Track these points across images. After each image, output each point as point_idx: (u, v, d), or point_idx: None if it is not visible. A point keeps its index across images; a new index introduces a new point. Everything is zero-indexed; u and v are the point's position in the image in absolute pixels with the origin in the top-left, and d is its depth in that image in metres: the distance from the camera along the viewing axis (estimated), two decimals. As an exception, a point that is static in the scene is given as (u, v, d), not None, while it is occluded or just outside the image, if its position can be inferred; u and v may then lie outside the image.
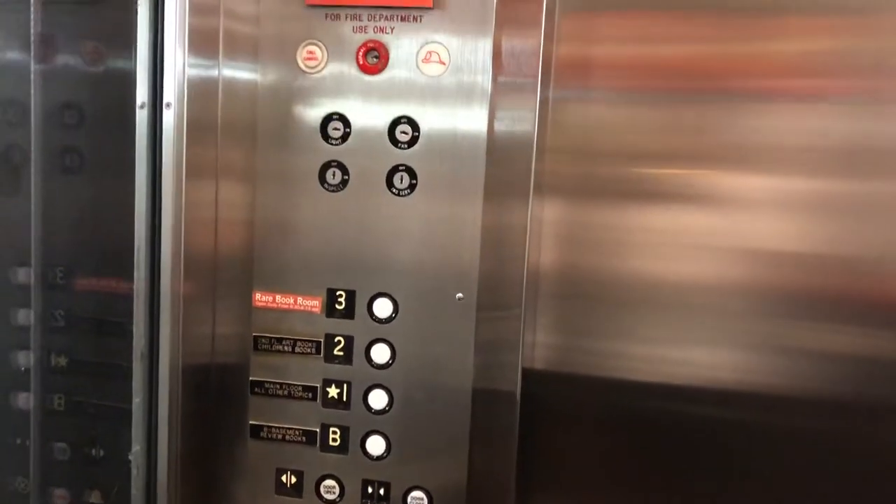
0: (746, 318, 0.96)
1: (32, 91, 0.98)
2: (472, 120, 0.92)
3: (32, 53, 0.97)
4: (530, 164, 0.94)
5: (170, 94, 0.91)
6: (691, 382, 0.99)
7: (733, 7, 0.92)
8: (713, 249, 0.96)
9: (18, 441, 1.05)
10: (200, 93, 0.93)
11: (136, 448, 0.96)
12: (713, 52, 0.93)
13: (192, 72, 0.91)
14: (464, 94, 0.92)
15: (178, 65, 0.90)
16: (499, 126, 0.93)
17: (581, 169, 0.98)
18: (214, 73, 0.94)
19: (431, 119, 0.93)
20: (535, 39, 0.92)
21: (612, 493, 1.03)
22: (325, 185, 0.96)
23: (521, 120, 0.94)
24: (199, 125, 0.93)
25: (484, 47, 0.91)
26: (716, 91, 0.94)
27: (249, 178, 0.97)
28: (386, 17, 0.92)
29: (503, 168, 0.94)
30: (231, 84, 0.96)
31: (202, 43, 0.93)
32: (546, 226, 0.98)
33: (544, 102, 0.94)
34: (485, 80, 0.91)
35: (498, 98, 0.92)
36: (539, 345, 1.00)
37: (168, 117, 0.91)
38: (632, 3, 0.95)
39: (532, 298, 0.98)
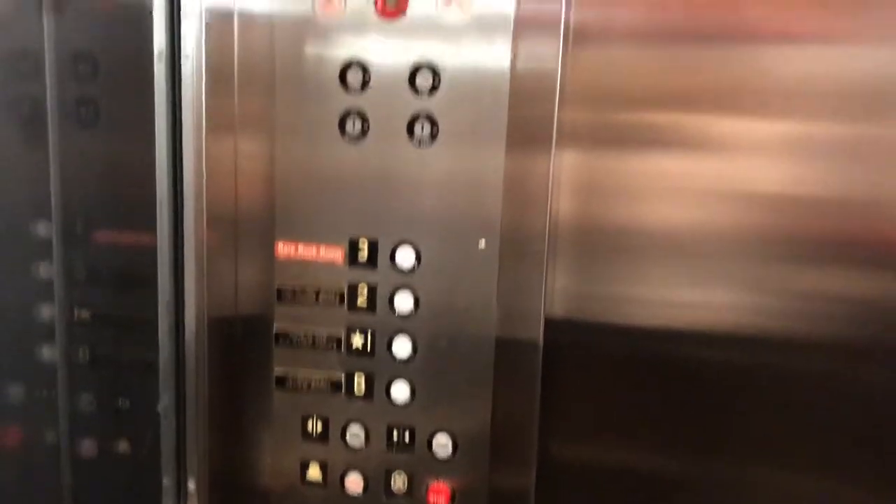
0: (764, 261, 0.96)
1: (46, 40, 0.97)
2: (494, 62, 0.91)
3: (44, 2, 0.95)
4: (553, 108, 0.93)
5: (188, 45, 0.90)
6: (708, 326, 0.99)
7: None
8: (730, 195, 0.95)
9: (45, 393, 1.07)
10: (218, 41, 0.92)
11: (165, 400, 0.97)
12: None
13: (210, 18, 0.90)
14: (486, 36, 0.90)
15: (196, 10, 0.89)
16: (522, 67, 0.91)
17: (598, 116, 0.96)
18: (231, 20, 0.93)
19: (453, 64, 0.91)
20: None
21: (632, 433, 1.05)
22: (345, 135, 0.95)
23: (545, 59, 0.92)
24: (218, 75, 0.92)
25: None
26: (736, 32, 0.92)
27: (268, 128, 0.96)
28: (405, -40, 0.90)
29: (526, 113, 0.92)
30: (248, 30, 0.94)
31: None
32: (566, 172, 0.97)
33: (566, 43, 0.92)
34: (507, 20, 0.89)
35: (520, 38, 0.90)
36: (559, 293, 1.00)
37: (187, 69, 0.90)
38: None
39: (553, 247, 0.98)
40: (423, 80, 0.92)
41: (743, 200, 0.95)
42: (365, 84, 0.94)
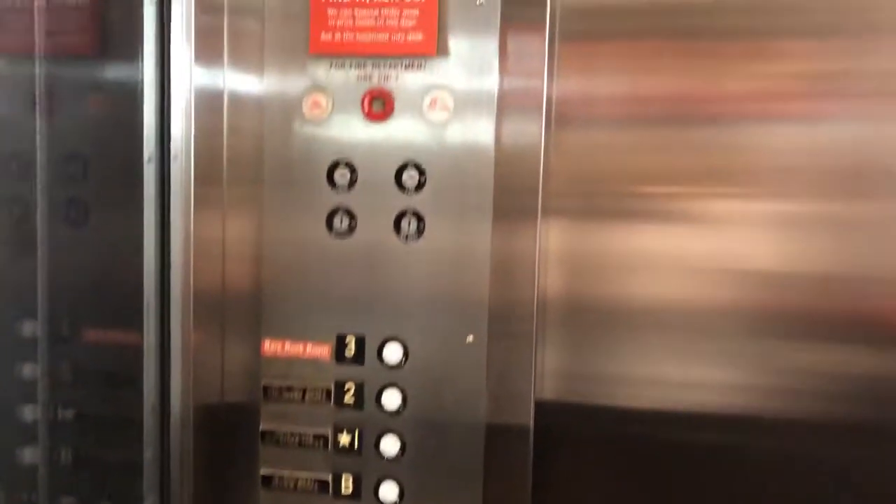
0: (756, 340, 0.96)
1: (38, 143, 0.99)
2: (478, 160, 0.93)
3: (37, 107, 0.97)
4: (537, 193, 0.95)
5: (177, 146, 0.92)
6: (701, 407, 0.98)
7: (729, 30, 0.93)
8: (719, 272, 0.96)
9: (26, 496, 1.05)
10: (207, 144, 0.94)
11: (150, 501, 0.95)
12: (715, 75, 0.94)
13: (199, 125, 0.92)
14: (470, 135, 0.92)
15: (185, 119, 0.91)
16: (505, 159, 0.93)
17: (585, 195, 0.98)
18: (220, 124, 0.95)
19: (438, 163, 0.93)
20: (539, 76, 0.93)
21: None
22: (333, 231, 0.96)
23: (528, 152, 0.94)
24: (206, 175, 0.94)
25: (488, 88, 0.92)
26: (719, 114, 0.94)
27: (256, 225, 0.98)
28: (390, 65, 0.93)
29: (511, 200, 0.94)
30: (237, 133, 0.96)
31: (207, 95, 0.94)
32: (553, 254, 0.98)
33: (549, 132, 0.95)
34: (489, 120, 0.92)
35: (503, 134, 0.93)
36: (549, 374, 1.00)
37: (176, 169, 0.92)
38: (631, 29, 0.96)
39: (542, 327, 0.98)
40: (410, 177, 0.94)
41: (732, 277, 0.96)
42: (352, 183, 0.95)
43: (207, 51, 0.94)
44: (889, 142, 0.91)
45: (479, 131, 0.92)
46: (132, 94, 0.93)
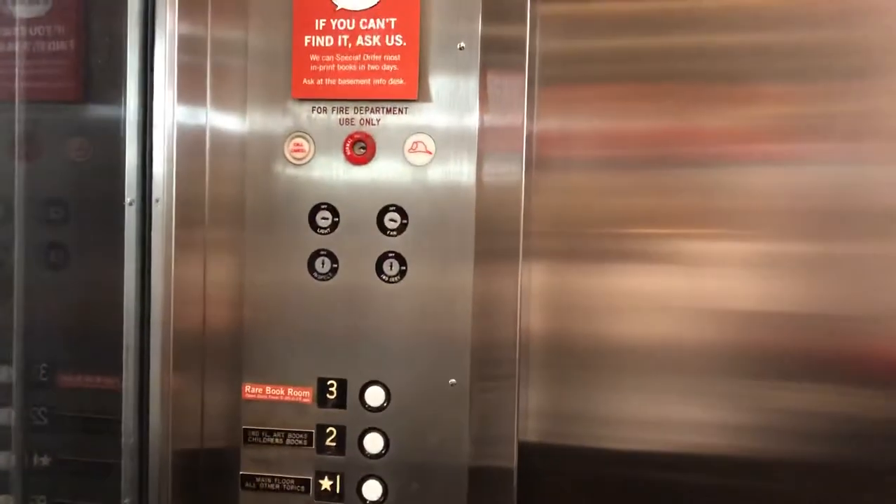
0: (737, 379, 0.97)
1: (17, 186, 0.98)
2: (459, 202, 0.93)
3: (17, 152, 0.97)
4: (518, 235, 0.96)
5: (158, 188, 0.91)
6: (684, 449, 0.99)
7: (706, 74, 0.95)
8: (698, 312, 0.97)
9: (-1, 546, 1.02)
10: (189, 186, 0.94)
11: (126, 551, 0.93)
12: (692, 118, 0.96)
13: (181, 169, 0.92)
14: (451, 177, 0.93)
15: (167, 163, 0.91)
16: (486, 202, 0.94)
17: (565, 237, 0.99)
18: (203, 166, 0.95)
19: (419, 206, 0.94)
20: (518, 119, 0.95)
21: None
22: (315, 274, 0.96)
23: (508, 194, 0.95)
24: (187, 218, 0.94)
25: (468, 132, 0.93)
26: (695, 156, 0.96)
27: (238, 268, 0.97)
28: (372, 109, 0.94)
29: (492, 242, 0.95)
30: (219, 176, 0.96)
31: (189, 138, 0.94)
32: (534, 296, 0.98)
33: (529, 173, 0.96)
34: (470, 163, 0.93)
35: (484, 176, 0.94)
36: (532, 415, 1.00)
37: (157, 212, 0.91)
38: (608, 73, 0.98)
39: (524, 368, 0.98)
40: (391, 220, 0.95)
41: (712, 317, 0.97)
42: (334, 225, 0.96)
43: (190, 92, 0.94)
44: (866, 183, 0.93)
45: (461, 174, 0.93)
46: (114, 138, 0.93)
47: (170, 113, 0.93)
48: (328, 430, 0.96)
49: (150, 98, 0.92)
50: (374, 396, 0.96)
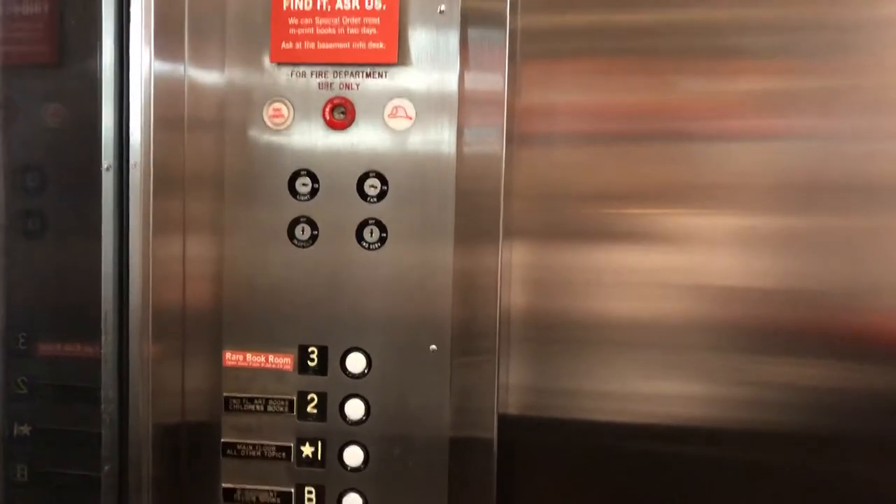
0: (717, 353, 0.97)
1: (-7, 154, 0.97)
2: (440, 170, 0.93)
3: (-7, 117, 0.96)
4: (499, 208, 0.95)
5: (136, 153, 0.91)
6: (664, 421, 0.99)
7: (688, 49, 0.95)
8: (680, 287, 0.97)
9: (-20, 515, 1.02)
10: (166, 150, 0.93)
11: (106, 518, 0.93)
12: (673, 93, 0.96)
13: (159, 133, 0.91)
14: (431, 145, 0.93)
15: (144, 126, 0.90)
16: (466, 172, 0.93)
17: (547, 211, 0.99)
18: (181, 131, 0.94)
19: (400, 172, 0.93)
20: (499, 87, 0.94)
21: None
22: (295, 241, 0.96)
23: (489, 166, 0.95)
24: (166, 183, 0.93)
25: (449, 98, 0.92)
26: (677, 132, 0.96)
27: (217, 234, 0.97)
28: (351, 73, 0.93)
29: (472, 215, 0.94)
30: (197, 141, 0.96)
31: (167, 102, 0.93)
32: (516, 269, 0.98)
33: (510, 147, 0.95)
34: (451, 131, 0.92)
35: (465, 146, 0.93)
36: (513, 389, 1.00)
37: (135, 177, 0.91)
38: (590, 48, 0.97)
39: (505, 343, 0.98)
40: (372, 187, 0.94)
41: (695, 293, 0.97)
42: (314, 192, 0.95)
43: (167, 48, 0.93)
44: (850, 157, 0.93)
45: (441, 142, 0.93)
46: (91, 102, 0.92)
47: (147, 70, 0.91)
48: (309, 397, 0.96)
49: (127, 58, 0.91)
50: (355, 363, 0.95)
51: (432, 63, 0.92)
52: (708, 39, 0.94)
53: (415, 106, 0.92)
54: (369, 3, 0.91)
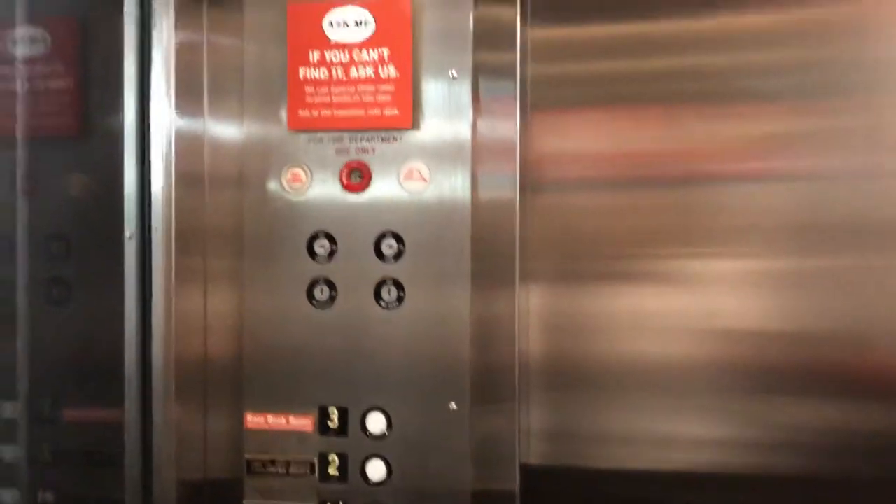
0: (736, 396, 0.97)
1: (19, 222, 1.00)
2: (455, 223, 0.94)
3: (19, 188, 0.99)
4: (514, 255, 0.96)
5: (157, 217, 0.92)
6: (688, 467, 0.98)
7: (701, 93, 0.96)
8: (699, 331, 0.97)
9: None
10: (188, 209, 0.95)
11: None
12: (684, 138, 0.97)
13: (180, 190, 0.93)
14: (446, 201, 0.94)
15: (166, 184, 0.92)
16: (481, 220, 0.95)
17: (562, 257, 1.00)
18: (201, 199, 0.97)
19: (415, 230, 0.95)
20: (512, 136, 0.96)
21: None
22: (314, 302, 0.97)
23: (503, 213, 0.96)
24: (187, 242, 0.95)
25: (462, 149, 0.94)
26: (688, 175, 0.97)
27: (237, 290, 0.98)
28: (367, 138, 0.95)
29: (488, 262, 0.95)
30: (218, 197, 0.98)
31: (188, 157, 0.96)
32: (532, 315, 0.99)
33: (524, 194, 0.97)
34: (465, 180, 0.94)
35: (479, 194, 0.95)
36: (534, 437, 1.00)
37: (157, 241, 0.92)
38: (598, 95, 0.99)
39: (524, 390, 0.98)
40: (388, 247, 0.95)
41: (712, 336, 0.97)
42: (332, 253, 0.97)
43: (188, 104, 0.95)
44: (864, 198, 0.93)
45: (455, 199, 0.94)
46: (112, 171, 0.94)
47: (168, 124, 0.93)
48: (330, 459, 0.96)
49: (148, 116, 0.93)
50: (375, 423, 0.96)
51: (445, 126, 0.94)
52: (718, 83, 0.96)
53: (429, 167, 0.94)
54: (383, 71, 0.94)
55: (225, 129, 0.98)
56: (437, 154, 0.94)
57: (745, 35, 0.95)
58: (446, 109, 0.94)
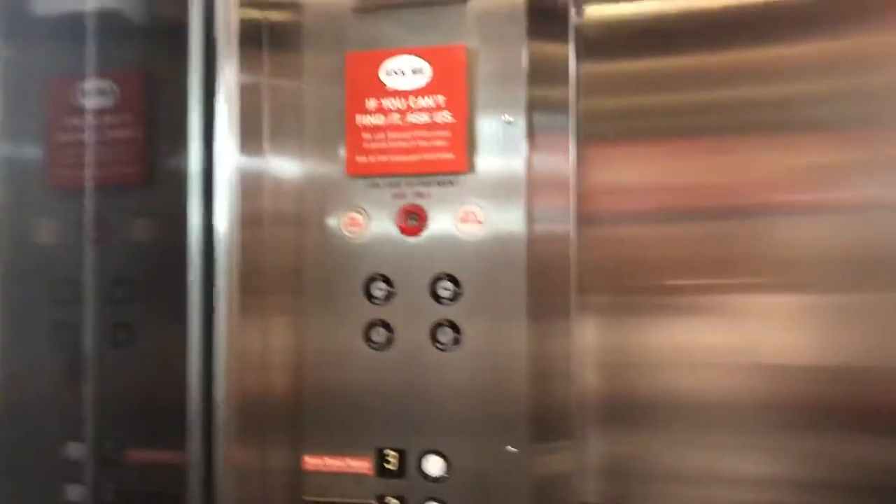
0: (801, 433, 0.95)
1: (86, 269, 1.03)
2: (510, 261, 0.95)
3: (85, 235, 1.02)
4: (569, 297, 0.97)
5: (222, 260, 0.94)
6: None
7: (749, 125, 0.96)
8: (753, 366, 0.96)
9: None
10: (250, 258, 0.97)
11: None
12: (735, 170, 0.96)
13: (243, 238, 0.95)
14: (501, 246, 0.95)
15: (230, 225, 0.94)
16: (537, 255, 0.95)
17: (615, 292, 1.00)
18: (261, 237, 0.98)
19: (471, 273, 0.96)
20: (566, 169, 0.97)
21: None
22: (371, 344, 0.98)
23: (558, 247, 0.97)
24: (250, 282, 0.96)
25: (517, 185, 0.94)
26: (741, 207, 0.97)
27: (296, 341, 1.00)
28: (423, 182, 0.97)
29: (544, 309, 0.96)
30: (277, 244, 0.99)
31: (250, 210, 0.97)
32: (589, 354, 0.99)
33: (579, 237, 0.98)
34: (520, 216, 0.94)
35: (534, 229, 0.95)
36: (591, 476, 0.99)
37: (221, 284, 0.94)
38: (649, 129, 1.00)
39: (581, 428, 0.98)
40: (444, 289, 0.96)
41: (771, 371, 0.95)
42: (389, 295, 0.98)
43: (250, 143, 0.97)
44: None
45: (511, 240, 0.95)
46: (176, 219, 0.96)
47: (232, 166, 0.95)
48: (388, 501, 0.97)
49: (212, 157, 0.95)
50: (433, 466, 0.96)
51: (500, 160, 0.95)
52: (767, 114, 0.96)
53: (484, 210, 0.95)
54: (439, 118, 0.95)
55: (285, 168, 1.01)
56: (493, 194, 0.95)
57: (792, 67, 0.95)
58: (501, 149, 0.95)
